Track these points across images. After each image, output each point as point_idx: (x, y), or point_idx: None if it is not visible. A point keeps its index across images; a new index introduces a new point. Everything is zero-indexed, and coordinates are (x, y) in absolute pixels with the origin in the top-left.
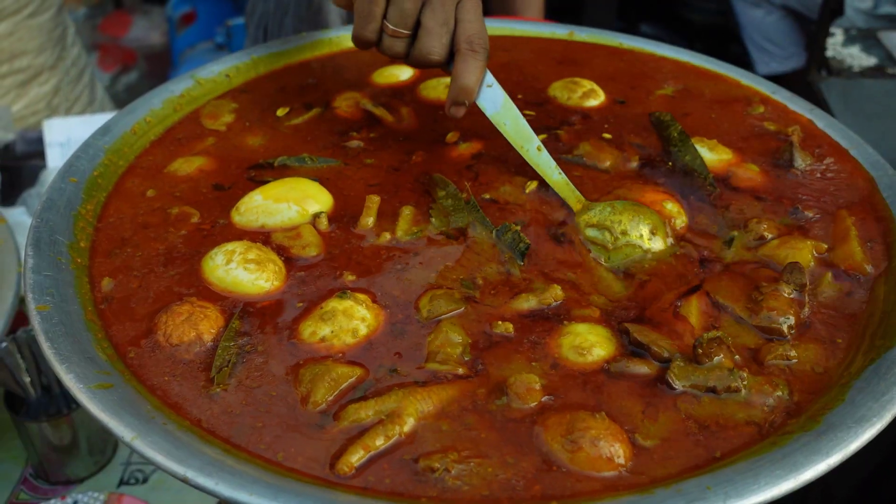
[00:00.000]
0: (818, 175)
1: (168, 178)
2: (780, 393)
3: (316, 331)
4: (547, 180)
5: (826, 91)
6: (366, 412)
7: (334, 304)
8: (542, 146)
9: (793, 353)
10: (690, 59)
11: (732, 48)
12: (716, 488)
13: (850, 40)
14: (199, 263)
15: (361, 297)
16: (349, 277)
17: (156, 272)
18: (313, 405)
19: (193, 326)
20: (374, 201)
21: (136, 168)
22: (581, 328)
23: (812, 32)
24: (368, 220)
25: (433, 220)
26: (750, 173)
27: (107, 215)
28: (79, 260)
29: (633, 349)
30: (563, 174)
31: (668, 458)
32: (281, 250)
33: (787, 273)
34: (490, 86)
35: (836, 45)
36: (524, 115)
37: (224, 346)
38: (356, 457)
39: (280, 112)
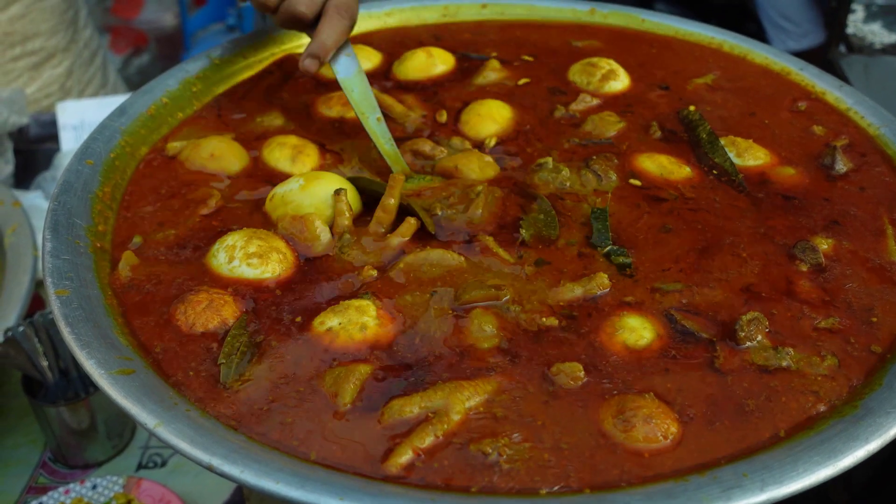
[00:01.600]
0: (856, 179)
1: (188, 160)
2: (828, 363)
3: (332, 324)
4: (380, 149)
5: (847, 68)
6: (411, 408)
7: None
8: (382, 118)
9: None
10: (716, 35)
11: (748, 26)
12: (752, 475)
13: (871, 16)
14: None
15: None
16: (370, 272)
17: (177, 258)
18: (342, 406)
19: (217, 312)
20: (397, 180)
21: (155, 150)
22: (630, 320)
23: (832, 9)
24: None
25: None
26: (784, 176)
27: (125, 198)
28: (98, 244)
29: (682, 334)
30: (394, 145)
31: (720, 437)
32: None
33: (800, 251)
34: (349, 55)
35: (856, 21)
36: None
37: (234, 333)
38: (405, 458)
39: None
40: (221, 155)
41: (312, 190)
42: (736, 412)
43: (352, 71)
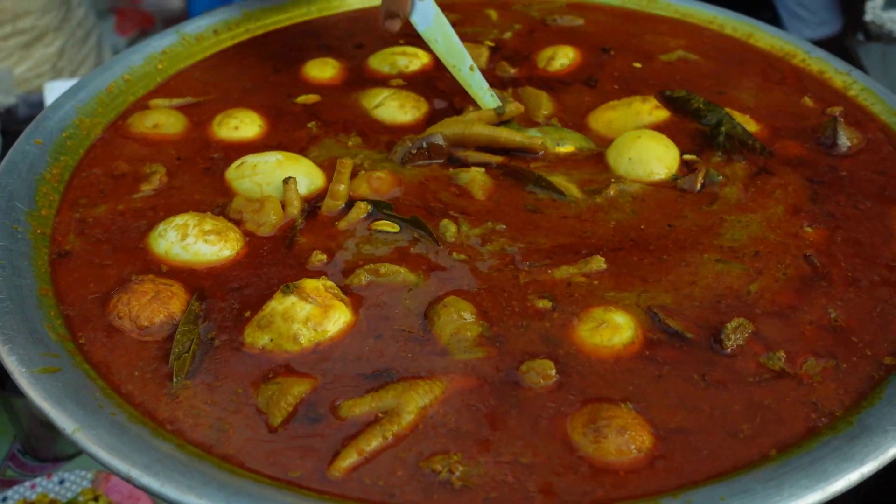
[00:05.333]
0: (862, 158)
1: (143, 139)
2: (825, 367)
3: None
4: (478, 102)
5: (864, 56)
6: (361, 409)
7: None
8: (475, 66)
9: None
10: (717, 14)
11: (764, 14)
12: (731, 499)
13: (890, 3)
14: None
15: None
16: (319, 257)
17: (119, 239)
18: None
19: (164, 305)
20: (346, 165)
21: (111, 130)
22: (611, 315)
23: None
24: (340, 187)
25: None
26: (786, 151)
27: (73, 180)
28: (39, 229)
29: (666, 331)
30: (495, 97)
31: (702, 453)
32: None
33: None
34: (423, 1)
35: (875, 8)
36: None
37: (183, 330)
38: (349, 461)
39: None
40: (165, 124)
41: (288, 169)
42: (720, 424)
43: (430, 18)
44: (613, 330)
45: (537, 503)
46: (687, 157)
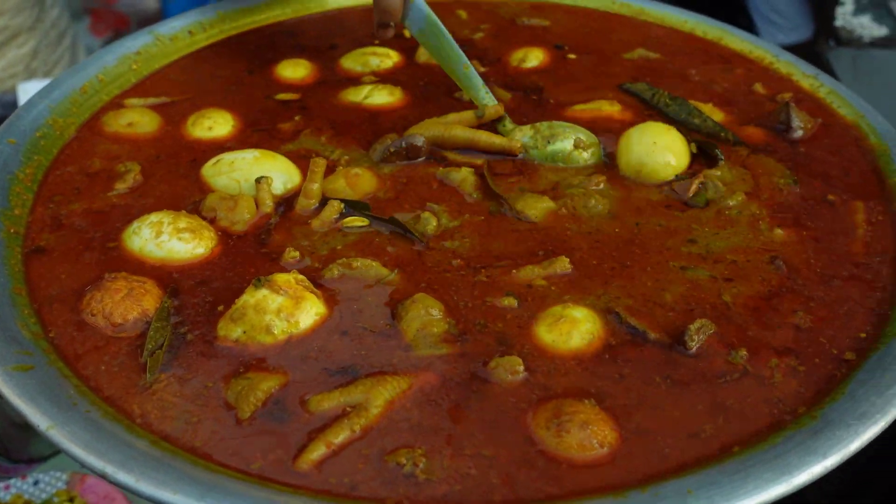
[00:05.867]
0: (820, 141)
1: (117, 138)
2: (786, 365)
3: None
4: (474, 101)
5: (834, 61)
6: (329, 403)
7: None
8: (470, 64)
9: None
10: (688, 18)
11: (740, 20)
12: (698, 492)
13: (860, 9)
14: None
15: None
16: (292, 254)
17: (92, 237)
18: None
19: (137, 302)
20: (319, 165)
21: (85, 129)
22: (564, 310)
23: (820, 1)
24: (313, 187)
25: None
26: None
27: (47, 179)
28: (11, 228)
29: (630, 331)
30: (491, 95)
31: (663, 451)
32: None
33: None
34: (413, 1)
35: (845, 14)
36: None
37: (156, 326)
38: (317, 454)
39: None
40: (139, 122)
41: (264, 166)
42: (684, 421)
43: (422, 20)
44: (572, 325)
45: (499, 495)
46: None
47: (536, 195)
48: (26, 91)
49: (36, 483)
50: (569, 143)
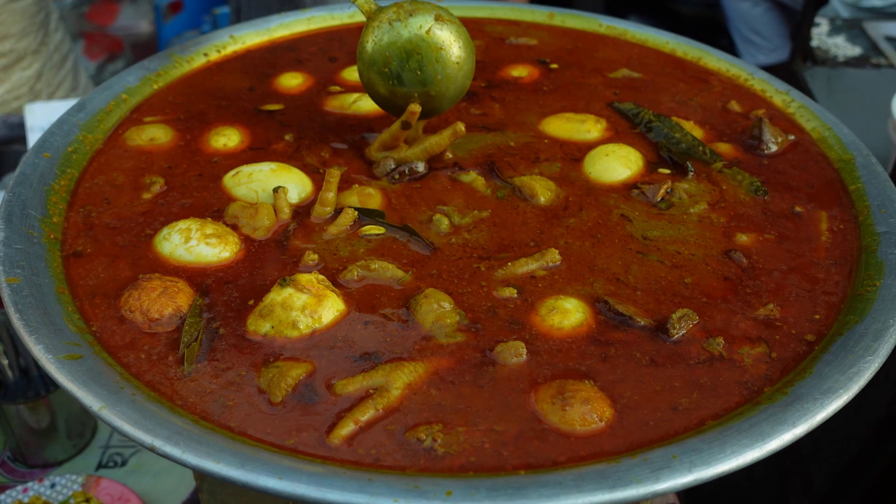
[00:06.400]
0: (789, 157)
1: (141, 151)
2: (760, 349)
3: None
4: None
5: (810, 80)
6: (354, 387)
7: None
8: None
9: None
10: (669, 39)
11: (720, 41)
12: (682, 457)
13: (835, 30)
14: (151, 244)
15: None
16: (311, 257)
17: (126, 243)
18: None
19: (171, 299)
20: (334, 175)
21: (110, 144)
22: (564, 303)
23: (797, 22)
24: (328, 195)
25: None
26: (722, 152)
27: (79, 190)
28: (52, 234)
29: (615, 318)
30: None
31: (649, 424)
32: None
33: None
34: None
35: (821, 34)
36: None
37: (190, 321)
38: (347, 429)
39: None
40: (159, 137)
41: (281, 177)
42: (669, 400)
43: None
44: (563, 314)
45: (511, 465)
46: (662, 170)
47: (545, 178)
48: (33, 112)
49: (53, 485)
50: (430, 17)
